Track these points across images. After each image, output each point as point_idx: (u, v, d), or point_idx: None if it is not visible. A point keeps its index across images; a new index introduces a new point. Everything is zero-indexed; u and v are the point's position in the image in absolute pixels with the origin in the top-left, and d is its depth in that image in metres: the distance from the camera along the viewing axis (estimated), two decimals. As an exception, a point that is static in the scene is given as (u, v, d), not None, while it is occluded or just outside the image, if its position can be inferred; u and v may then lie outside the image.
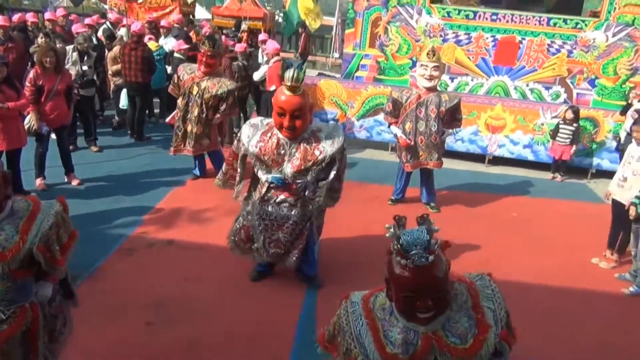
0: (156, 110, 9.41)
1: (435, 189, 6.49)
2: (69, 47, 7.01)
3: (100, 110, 8.74)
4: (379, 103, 8.38)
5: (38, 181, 5.93)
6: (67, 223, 2.59)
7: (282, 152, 3.97)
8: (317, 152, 3.96)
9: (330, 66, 14.21)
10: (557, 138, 7.82)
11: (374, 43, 8.73)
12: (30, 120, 5.53)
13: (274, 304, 4.21)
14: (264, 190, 4.10)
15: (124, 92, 8.09)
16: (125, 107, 8.04)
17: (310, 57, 15.65)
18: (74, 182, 6.15)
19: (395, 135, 6.12)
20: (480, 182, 7.57)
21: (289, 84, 3.80)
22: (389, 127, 6.37)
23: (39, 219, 2.44)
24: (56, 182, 6.15)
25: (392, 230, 1.92)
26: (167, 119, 6.64)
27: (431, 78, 5.76)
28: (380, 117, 8.28)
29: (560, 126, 7.75)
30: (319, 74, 10.20)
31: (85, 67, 7.00)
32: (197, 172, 6.68)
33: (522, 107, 8.15)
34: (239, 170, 4.23)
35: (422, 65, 5.79)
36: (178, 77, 6.29)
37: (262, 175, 4.07)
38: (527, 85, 8.50)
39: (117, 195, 5.96)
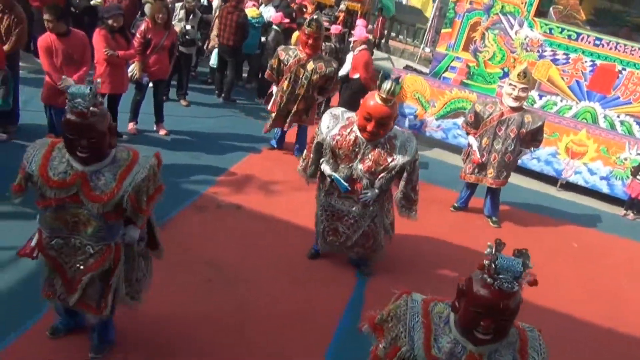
0: (244, 75, 9.77)
1: (501, 203, 6.49)
2: (178, 5, 7.41)
3: (195, 66, 9.14)
4: (460, 107, 8.36)
5: (130, 125, 6.43)
6: (157, 177, 2.87)
7: (357, 150, 4.10)
8: (389, 159, 4.09)
9: (419, 57, 14.08)
10: (639, 177, 7.57)
11: (468, 47, 8.67)
12: (134, 69, 5.99)
13: (325, 284, 4.45)
14: (328, 182, 4.28)
15: (215, 51, 8.44)
16: (214, 66, 8.39)
17: (399, 44, 15.60)
18: (162, 132, 6.62)
19: (470, 145, 6.16)
20: (548, 206, 7.46)
21: (384, 95, 3.88)
22: (467, 134, 6.40)
23: (135, 170, 2.72)
24: (146, 129, 6.64)
25: (490, 249, 2.04)
26: (269, 106, 6.66)
27: (518, 99, 5.72)
28: (459, 120, 8.28)
29: (645, 165, 7.50)
30: (406, 67, 10.19)
31: (188, 27, 7.39)
32: (274, 143, 6.96)
33: (608, 137, 7.89)
34: (312, 156, 4.40)
35: (510, 84, 5.74)
36: (280, 61, 6.34)
37: (327, 170, 4.21)
38: (618, 117, 8.22)
39: (197, 152, 6.37)
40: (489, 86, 8.62)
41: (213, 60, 8.42)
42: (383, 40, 15.25)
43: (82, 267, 2.83)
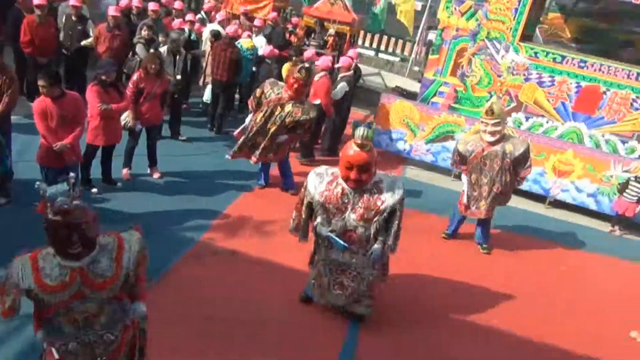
0: (236, 103, 9.92)
1: (491, 227, 6.66)
2: (163, 49, 7.52)
3: (186, 98, 9.28)
4: (449, 130, 8.56)
5: (124, 171, 6.58)
6: (145, 247, 2.95)
7: (346, 200, 4.25)
8: (379, 202, 4.22)
9: (408, 70, 14.25)
10: (625, 194, 7.75)
11: (455, 72, 8.86)
12: (127, 117, 6.14)
13: (322, 328, 4.62)
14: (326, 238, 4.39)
15: (208, 87, 8.61)
16: (208, 101, 8.58)
17: (389, 57, 15.75)
18: (156, 176, 6.77)
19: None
20: (537, 226, 7.65)
21: (359, 142, 4.05)
22: (461, 172, 6.54)
23: (127, 248, 2.81)
24: (139, 173, 6.78)
25: None
26: (235, 132, 6.84)
27: (493, 134, 5.94)
28: (448, 144, 8.47)
29: (631, 183, 7.66)
30: (396, 87, 10.36)
31: (178, 77, 7.54)
32: (262, 182, 7.10)
33: (594, 156, 8.09)
34: (303, 216, 4.52)
35: (482, 122, 5.96)
36: (263, 92, 6.50)
37: (323, 231, 4.34)
38: (603, 136, 8.41)
39: (191, 195, 6.51)
40: (476, 109, 8.78)
41: (207, 96, 8.58)
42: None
43: (105, 358, 2.90)
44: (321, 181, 4.33)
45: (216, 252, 5.48)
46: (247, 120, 6.74)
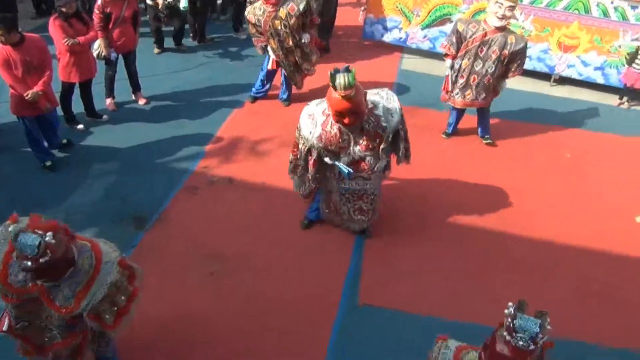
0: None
1: (493, 112, 6.48)
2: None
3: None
4: (446, 13, 8.01)
5: (108, 101, 6.30)
6: (125, 288, 2.79)
7: (346, 137, 4.06)
8: (379, 130, 4.04)
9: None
10: (634, 64, 7.39)
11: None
12: (99, 47, 5.73)
13: (327, 252, 4.65)
14: (337, 170, 4.28)
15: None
16: (185, 9, 7.98)
17: None
18: (141, 102, 6.49)
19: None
20: (541, 108, 7.39)
21: (343, 93, 3.67)
22: (444, 56, 6.17)
23: (93, 290, 2.64)
24: (125, 101, 6.51)
25: (510, 309, 2.15)
26: (269, 66, 6.45)
27: (503, 18, 5.54)
28: (446, 27, 7.96)
29: (640, 52, 7.28)
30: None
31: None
32: (255, 92, 6.79)
33: (602, 26, 7.57)
34: (301, 163, 4.33)
35: (497, 2, 5.49)
36: (253, 24, 6.10)
37: (328, 160, 4.20)
38: (612, 2, 7.78)
39: (180, 119, 6.29)
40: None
41: (184, 3, 7.95)
42: None
43: (49, 342, 2.93)
44: (315, 124, 4.08)
45: (212, 181, 5.39)
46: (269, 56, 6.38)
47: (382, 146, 4.14)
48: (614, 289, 4.57)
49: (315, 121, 4.08)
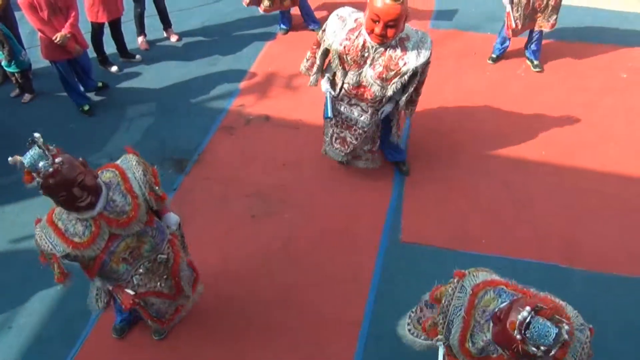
0: None
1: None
2: None
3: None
4: None
5: (140, 39, 6.19)
6: (147, 164, 2.86)
7: (366, 54, 3.80)
8: (401, 63, 3.78)
9: None
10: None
11: None
12: (126, -16, 5.55)
13: (365, 192, 4.57)
14: (338, 88, 4.09)
15: None
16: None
17: None
18: (173, 39, 6.35)
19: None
20: (591, 26, 6.79)
21: None
22: None
23: (130, 175, 2.69)
24: (157, 39, 6.39)
25: (525, 314, 1.86)
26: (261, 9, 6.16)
27: None
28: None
29: None
30: None
31: None
32: (283, 26, 6.52)
33: None
34: (317, 62, 4.14)
35: None
36: None
37: (324, 86, 4.09)
38: None
39: (212, 56, 6.13)
40: None
41: None
42: None
43: (168, 274, 3.08)
44: (343, 27, 3.82)
45: (248, 119, 5.30)
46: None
47: (395, 79, 3.85)
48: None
49: (344, 24, 3.83)
